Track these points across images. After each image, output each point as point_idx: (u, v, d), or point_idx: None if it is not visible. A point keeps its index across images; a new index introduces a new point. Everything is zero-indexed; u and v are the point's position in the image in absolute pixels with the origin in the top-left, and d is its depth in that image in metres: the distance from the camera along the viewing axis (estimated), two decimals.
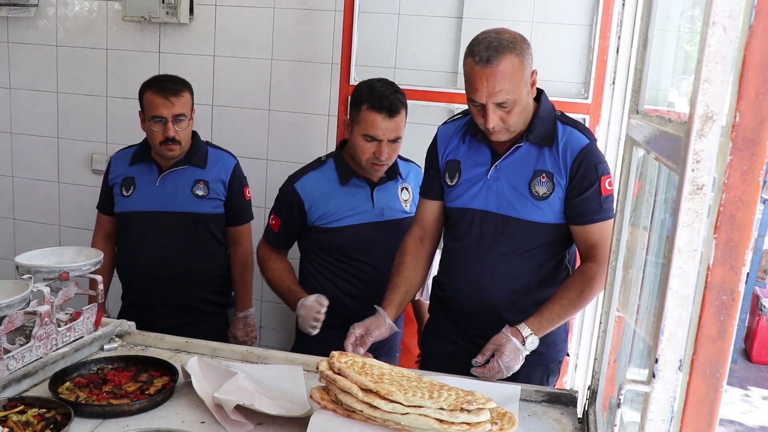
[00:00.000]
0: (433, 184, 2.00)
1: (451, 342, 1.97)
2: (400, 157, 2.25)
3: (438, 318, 2.05)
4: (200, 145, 2.52)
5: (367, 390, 1.36)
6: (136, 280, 2.51)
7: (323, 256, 2.24)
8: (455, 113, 2.05)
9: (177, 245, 2.43)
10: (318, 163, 2.27)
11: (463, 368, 1.76)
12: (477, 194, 1.88)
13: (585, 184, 1.81)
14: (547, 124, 1.84)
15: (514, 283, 1.87)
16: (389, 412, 1.33)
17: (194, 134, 2.51)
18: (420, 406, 1.33)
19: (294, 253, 2.37)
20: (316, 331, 2.02)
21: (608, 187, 1.83)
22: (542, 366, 1.94)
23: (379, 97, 2.07)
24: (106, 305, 2.62)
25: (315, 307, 2.02)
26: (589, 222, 1.83)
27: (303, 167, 2.29)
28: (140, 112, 2.44)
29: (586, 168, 1.80)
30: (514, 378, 1.75)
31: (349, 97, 2.19)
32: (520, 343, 1.72)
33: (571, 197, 1.82)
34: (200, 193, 2.45)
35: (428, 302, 2.22)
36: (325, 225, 2.20)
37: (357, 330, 1.82)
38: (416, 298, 2.39)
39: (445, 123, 2.05)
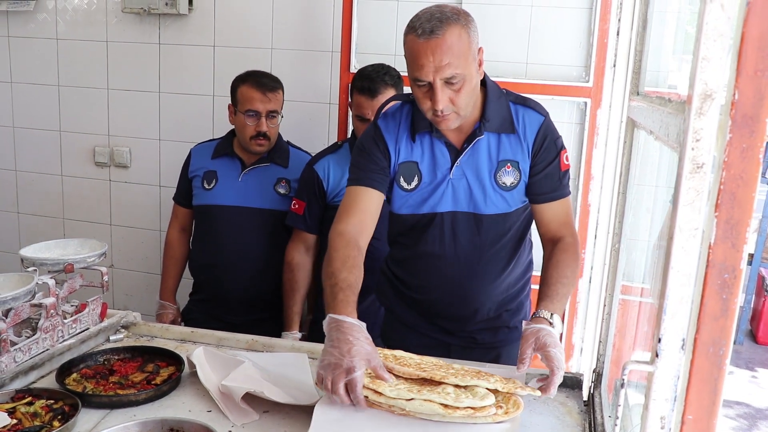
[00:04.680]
0: (379, 174, 1.77)
1: (422, 335, 1.92)
2: None
3: (404, 315, 1.95)
4: (283, 144, 2.56)
5: (373, 376, 1.37)
6: (211, 273, 2.52)
7: None
8: (387, 104, 1.85)
9: (256, 241, 2.44)
10: (335, 147, 2.43)
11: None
12: (443, 196, 1.77)
13: (547, 160, 1.75)
14: (501, 108, 1.74)
15: (491, 273, 1.83)
16: (394, 398, 1.34)
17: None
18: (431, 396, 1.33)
19: None
20: None
21: (566, 162, 1.77)
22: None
23: (362, 80, 2.24)
24: (177, 298, 2.66)
25: None
26: (552, 198, 1.77)
27: (321, 151, 2.44)
28: (230, 105, 2.46)
29: (548, 144, 1.75)
30: (497, 358, 1.73)
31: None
32: (546, 325, 1.52)
33: (534, 174, 1.76)
34: (282, 191, 2.49)
35: None
36: (338, 201, 2.15)
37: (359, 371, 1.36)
38: None
39: (381, 118, 1.82)
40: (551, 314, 1.55)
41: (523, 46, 2.71)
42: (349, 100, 2.41)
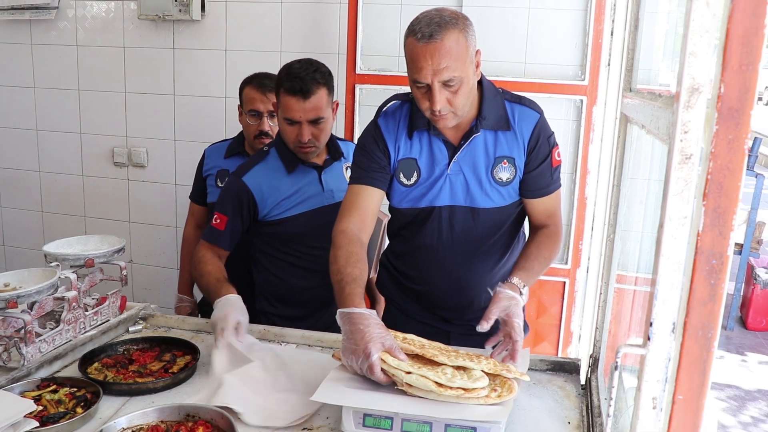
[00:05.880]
0: (380, 172, 1.82)
1: (422, 324, 1.97)
2: (336, 137, 2.24)
3: (404, 305, 2.00)
4: None
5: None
6: (226, 268, 2.55)
7: (279, 247, 2.16)
8: (387, 103, 1.89)
9: None
10: (262, 155, 2.15)
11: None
12: (441, 191, 1.81)
13: (540, 158, 1.79)
14: (496, 106, 1.78)
15: (488, 264, 1.88)
16: (395, 368, 1.37)
17: None
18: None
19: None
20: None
21: (557, 158, 1.82)
22: None
23: (292, 79, 1.99)
24: (193, 293, 2.69)
25: (228, 324, 1.70)
26: (544, 194, 1.83)
27: (247, 161, 2.16)
28: (238, 106, 2.52)
29: (542, 142, 1.79)
30: (495, 344, 1.76)
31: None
32: (518, 294, 1.62)
33: (528, 170, 1.80)
34: None
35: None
36: (277, 216, 2.10)
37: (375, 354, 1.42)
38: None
39: (381, 117, 1.87)
40: (524, 285, 1.64)
41: (522, 47, 2.76)
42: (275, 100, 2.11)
